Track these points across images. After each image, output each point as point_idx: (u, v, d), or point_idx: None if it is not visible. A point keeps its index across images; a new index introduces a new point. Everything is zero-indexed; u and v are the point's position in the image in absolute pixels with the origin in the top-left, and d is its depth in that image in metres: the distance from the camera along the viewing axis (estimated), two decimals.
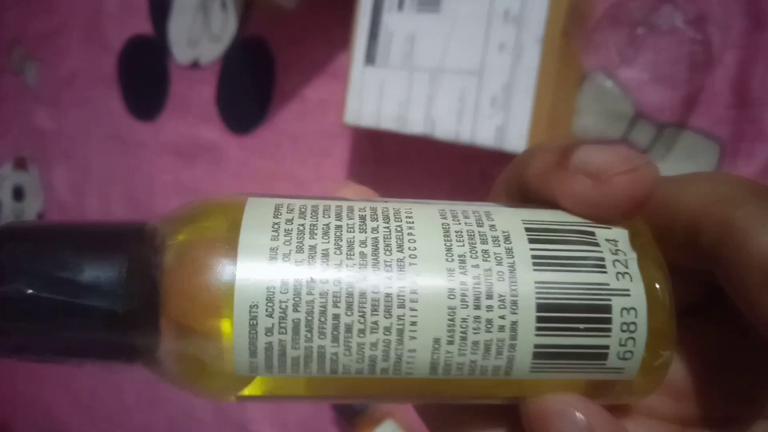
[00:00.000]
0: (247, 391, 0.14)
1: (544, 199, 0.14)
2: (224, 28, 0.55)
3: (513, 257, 0.13)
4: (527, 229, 0.13)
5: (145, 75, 0.62)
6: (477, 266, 0.13)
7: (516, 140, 0.35)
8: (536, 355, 0.13)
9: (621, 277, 0.13)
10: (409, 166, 0.46)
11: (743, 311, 0.12)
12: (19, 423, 0.81)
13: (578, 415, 0.13)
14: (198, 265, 0.13)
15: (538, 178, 0.15)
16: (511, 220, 0.14)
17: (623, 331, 0.13)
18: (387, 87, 0.39)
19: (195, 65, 0.58)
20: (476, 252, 0.13)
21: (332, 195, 0.17)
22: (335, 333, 0.13)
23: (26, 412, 0.80)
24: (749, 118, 0.34)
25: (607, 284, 0.13)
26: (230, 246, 0.13)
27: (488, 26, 0.36)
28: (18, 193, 0.75)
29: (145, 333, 0.13)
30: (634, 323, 0.13)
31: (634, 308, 0.13)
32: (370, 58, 0.40)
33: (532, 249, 0.13)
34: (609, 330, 0.13)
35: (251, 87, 0.54)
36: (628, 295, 0.13)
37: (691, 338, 0.15)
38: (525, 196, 0.15)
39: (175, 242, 0.13)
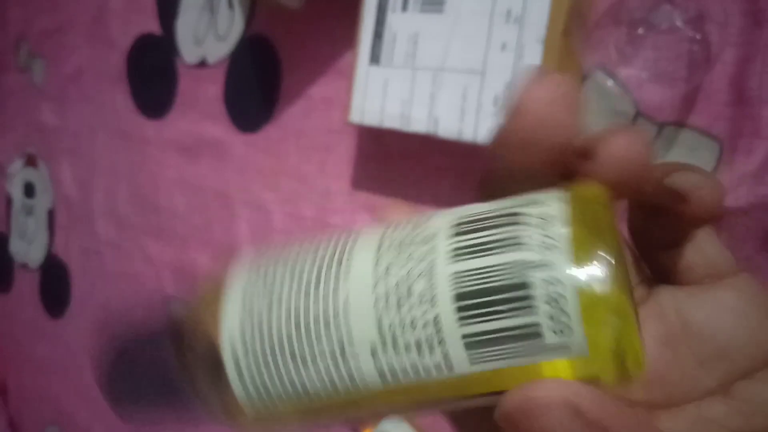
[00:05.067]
0: (258, 424, 0.16)
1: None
2: (231, 27, 0.56)
3: (434, 254, 0.13)
4: (457, 224, 0.14)
5: (153, 74, 0.63)
6: (400, 270, 0.13)
7: None
8: (468, 345, 0.13)
9: (545, 250, 0.12)
10: (412, 163, 0.46)
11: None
12: (27, 417, 0.82)
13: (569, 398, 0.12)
14: (209, 333, 0.16)
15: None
16: (446, 216, 0.14)
17: (549, 305, 0.12)
18: (391, 86, 0.40)
19: (202, 64, 0.58)
20: (402, 257, 0.13)
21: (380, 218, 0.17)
22: (294, 361, 0.14)
23: (34, 406, 0.80)
24: (747, 115, 0.34)
25: (524, 260, 0.12)
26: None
27: (491, 26, 0.36)
28: (29, 190, 0.76)
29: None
30: (562, 295, 0.12)
31: (559, 280, 0.12)
32: (374, 57, 0.41)
33: (454, 242, 0.13)
34: (532, 306, 0.12)
35: (258, 85, 0.54)
36: (550, 267, 0.12)
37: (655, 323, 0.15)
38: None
39: (199, 327, 0.16)
